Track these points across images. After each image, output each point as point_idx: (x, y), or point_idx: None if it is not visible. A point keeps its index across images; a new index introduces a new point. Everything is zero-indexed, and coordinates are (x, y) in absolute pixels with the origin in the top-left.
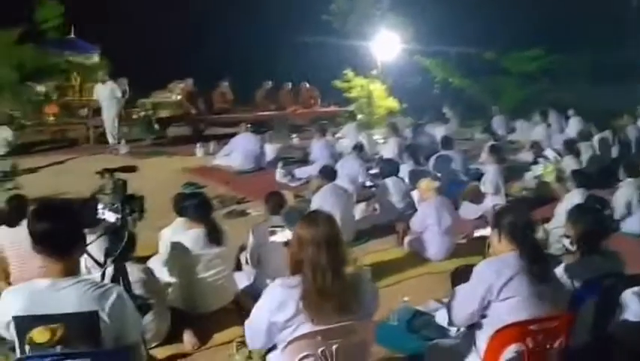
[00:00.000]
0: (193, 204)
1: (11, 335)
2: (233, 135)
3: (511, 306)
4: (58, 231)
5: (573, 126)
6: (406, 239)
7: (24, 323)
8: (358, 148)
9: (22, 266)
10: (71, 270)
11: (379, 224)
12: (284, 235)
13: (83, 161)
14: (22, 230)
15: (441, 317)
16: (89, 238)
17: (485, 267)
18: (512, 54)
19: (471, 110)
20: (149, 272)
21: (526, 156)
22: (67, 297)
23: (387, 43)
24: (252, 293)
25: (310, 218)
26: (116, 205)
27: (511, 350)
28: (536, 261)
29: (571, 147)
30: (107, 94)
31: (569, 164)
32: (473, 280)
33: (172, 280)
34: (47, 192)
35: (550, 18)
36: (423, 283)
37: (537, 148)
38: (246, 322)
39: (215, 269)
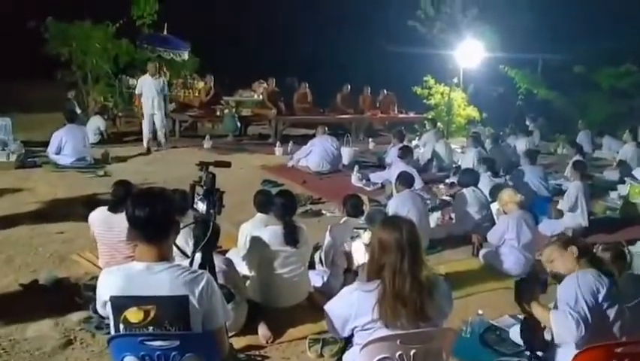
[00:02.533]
0: (280, 203)
1: (107, 313)
2: (311, 136)
3: (612, 313)
4: (157, 217)
5: None
6: (482, 251)
7: (120, 303)
8: (407, 154)
9: (112, 253)
10: (165, 255)
11: (455, 234)
12: (367, 236)
13: (169, 152)
14: (120, 217)
15: (515, 334)
16: None
17: (589, 275)
18: (603, 69)
19: (554, 124)
20: (229, 263)
21: (612, 174)
22: (160, 280)
23: (471, 51)
24: (326, 293)
25: (393, 223)
26: (203, 197)
27: None
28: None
29: None
30: (158, 89)
31: None
32: (580, 289)
33: (250, 273)
34: (136, 181)
35: None
36: (498, 297)
37: (624, 167)
38: (326, 311)
39: (291, 266)
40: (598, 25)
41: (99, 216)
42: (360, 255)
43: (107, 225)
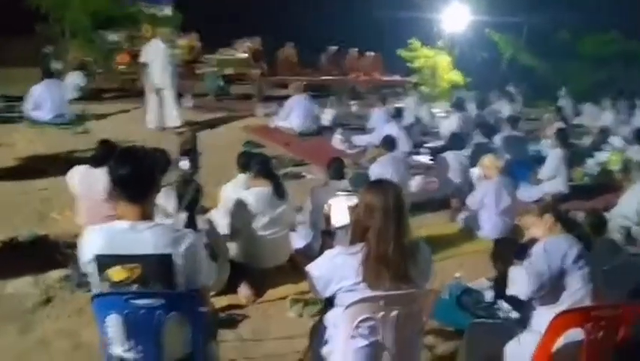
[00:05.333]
0: (260, 160)
1: (90, 271)
2: None
3: (584, 276)
4: (139, 175)
5: None
6: (461, 215)
7: (104, 261)
8: (399, 116)
9: (92, 211)
10: (148, 214)
11: (435, 198)
12: (352, 199)
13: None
14: (100, 175)
15: (491, 296)
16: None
17: (559, 240)
18: (587, 37)
19: (536, 90)
20: (211, 223)
21: (591, 141)
22: (145, 239)
23: (457, 14)
24: (308, 254)
25: (380, 186)
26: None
27: (570, 335)
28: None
29: None
30: (171, 59)
31: (637, 154)
32: (546, 252)
33: (232, 233)
34: (114, 139)
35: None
36: (476, 260)
37: (604, 134)
38: (309, 272)
39: (274, 228)
40: None
41: (80, 173)
42: (338, 216)
43: (87, 183)
